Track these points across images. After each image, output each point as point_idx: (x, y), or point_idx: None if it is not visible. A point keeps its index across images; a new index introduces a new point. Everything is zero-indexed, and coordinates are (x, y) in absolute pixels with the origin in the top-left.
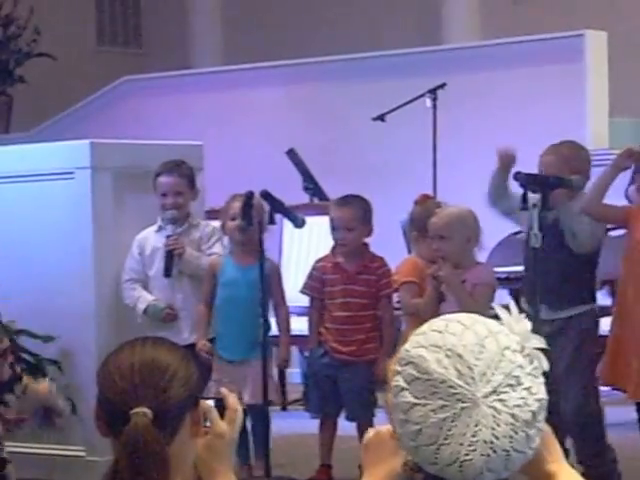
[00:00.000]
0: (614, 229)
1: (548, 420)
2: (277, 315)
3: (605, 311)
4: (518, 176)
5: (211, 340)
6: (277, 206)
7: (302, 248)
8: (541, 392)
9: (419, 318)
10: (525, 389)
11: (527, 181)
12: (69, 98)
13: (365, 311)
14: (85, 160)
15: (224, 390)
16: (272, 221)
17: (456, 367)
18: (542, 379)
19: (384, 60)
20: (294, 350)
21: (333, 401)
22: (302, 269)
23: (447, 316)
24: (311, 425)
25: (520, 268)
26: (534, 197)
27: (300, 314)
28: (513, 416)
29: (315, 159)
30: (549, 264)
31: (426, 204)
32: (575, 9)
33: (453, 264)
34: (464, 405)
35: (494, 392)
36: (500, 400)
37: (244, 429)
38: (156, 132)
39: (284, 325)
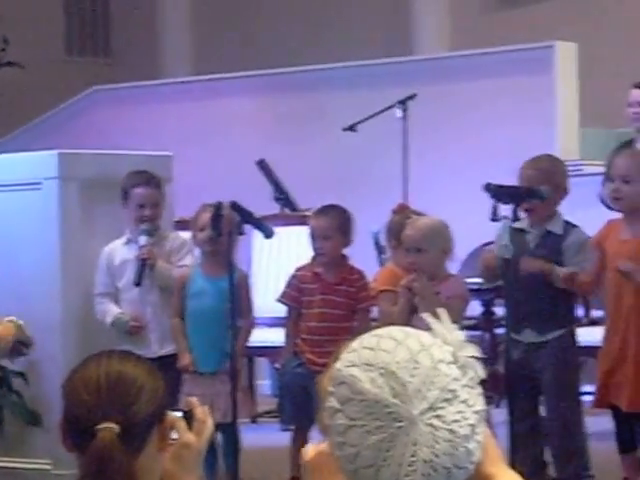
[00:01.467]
0: None
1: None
2: (245, 326)
3: (578, 322)
4: (489, 187)
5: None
6: (246, 217)
7: (272, 258)
8: (479, 403)
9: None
10: (462, 402)
11: (497, 192)
12: (37, 108)
13: (342, 322)
14: (53, 170)
15: (193, 400)
16: (241, 232)
17: (390, 385)
18: (479, 389)
19: (355, 71)
20: (264, 362)
21: (306, 413)
22: (272, 279)
23: (378, 331)
24: (281, 437)
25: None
26: (505, 208)
27: (271, 325)
28: (452, 432)
29: (286, 169)
30: (533, 290)
31: (404, 213)
32: (545, 20)
33: (427, 276)
34: (401, 424)
35: (430, 409)
36: (437, 416)
37: (213, 442)
38: (125, 142)
39: (243, 336)
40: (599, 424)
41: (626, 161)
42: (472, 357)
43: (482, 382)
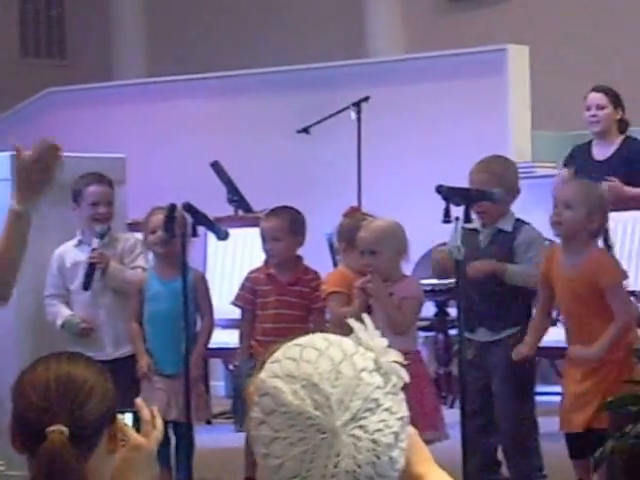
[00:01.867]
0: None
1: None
2: (204, 326)
3: None
4: (441, 189)
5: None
6: (200, 218)
7: (227, 260)
8: (402, 410)
9: (347, 329)
10: (385, 410)
11: (449, 194)
12: None
13: (297, 323)
14: (5, 172)
15: (138, 401)
16: (195, 234)
17: (312, 397)
18: (402, 395)
19: (309, 73)
20: (219, 363)
21: None
22: (227, 281)
23: (301, 340)
24: (235, 438)
25: (445, 280)
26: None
27: (225, 327)
28: (374, 442)
29: (239, 171)
30: (488, 289)
31: (354, 216)
32: (498, 23)
33: (382, 277)
34: (323, 436)
35: (353, 419)
36: (360, 427)
37: (167, 442)
38: (79, 144)
39: (203, 336)
40: (552, 425)
41: (572, 188)
42: (395, 362)
43: (404, 387)
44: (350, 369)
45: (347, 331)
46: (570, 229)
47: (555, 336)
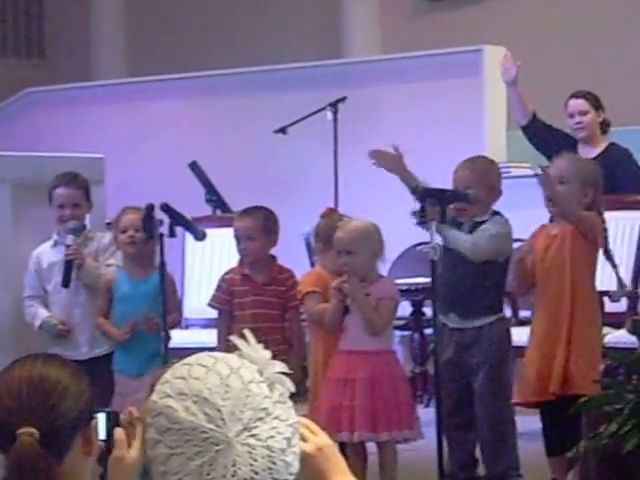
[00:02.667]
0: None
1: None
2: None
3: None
4: (416, 190)
5: (111, 354)
6: (177, 219)
7: (205, 261)
8: (291, 417)
9: (324, 328)
10: (275, 418)
11: (425, 195)
12: None
13: (275, 322)
14: None
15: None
16: (173, 234)
17: (204, 412)
18: (290, 403)
19: (286, 73)
20: None
21: None
22: (205, 281)
23: (188, 360)
24: None
25: (422, 280)
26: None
27: (204, 327)
28: (268, 448)
29: (218, 172)
30: (459, 273)
31: (331, 217)
32: (474, 24)
33: (359, 278)
34: (218, 448)
35: (245, 429)
36: (253, 435)
37: None
38: (58, 144)
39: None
40: (528, 424)
41: (564, 164)
42: (279, 373)
43: (292, 395)
44: (238, 382)
45: (323, 329)
46: (565, 205)
47: (526, 337)
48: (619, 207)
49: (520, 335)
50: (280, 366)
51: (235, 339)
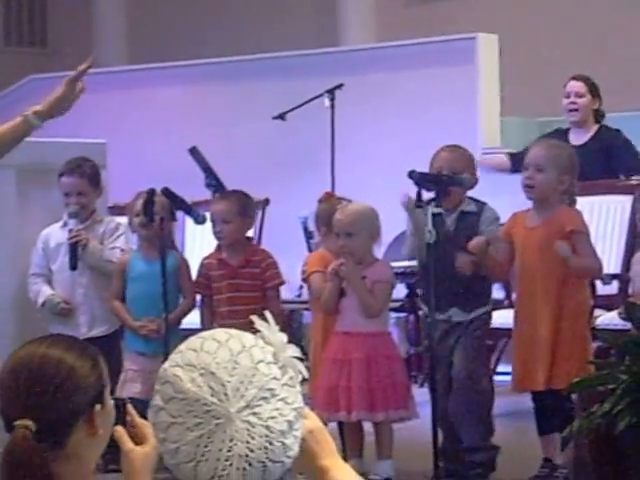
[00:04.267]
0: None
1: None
2: (184, 307)
3: (499, 305)
4: (413, 175)
5: (109, 335)
6: (178, 203)
7: (204, 244)
8: (298, 401)
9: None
10: (280, 400)
11: (421, 179)
12: None
13: (251, 305)
14: None
15: (138, 421)
16: (173, 218)
17: (210, 385)
18: (299, 388)
19: (284, 61)
20: None
21: None
22: None
23: (204, 333)
24: None
25: (416, 262)
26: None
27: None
28: (268, 428)
29: (217, 156)
30: (453, 268)
31: (330, 201)
32: (468, 12)
33: (356, 260)
34: (218, 422)
35: (247, 406)
36: (254, 413)
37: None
38: (61, 129)
39: (180, 309)
40: (519, 403)
41: (541, 151)
42: (294, 357)
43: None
44: (248, 360)
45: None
46: (542, 192)
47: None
48: (610, 192)
49: (512, 317)
50: (295, 350)
51: (255, 319)
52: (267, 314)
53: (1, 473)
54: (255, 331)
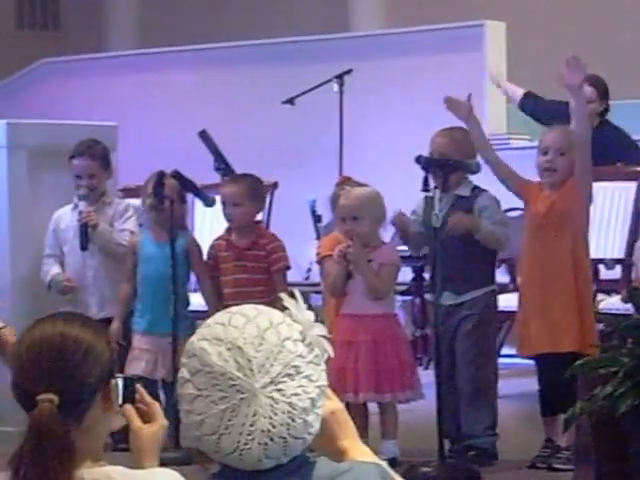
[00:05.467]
0: (512, 210)
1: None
2: (201, 289)
3: (504, 289)
4: (420, 159)
5: (131, 312)
6: (188, 185)
7: (213, 226)
8: (322, 379)
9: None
10: (305, 377)
11: (428, 164)
12: None
13: (256, 287)
14: (2, 139)
15: (147, 398)
16: (183, 200)
17: (236, 360)
18: (323, 366)
19: (294, 46)
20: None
21: None
22: None
23: (233, 308)
24: None
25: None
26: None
27: None
28: (290, 404)
29: (226, 140)
30: (451, 249)
31: (348, 184)
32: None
33: (362, 244)
34: (243, 396)
35: (272, 382)
36: (278, 390)
37: (157, 399)
38: (73, 113)
39: (210, 298)
40: (519, 386)
41: (561, 134)
42: (321, 336)
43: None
44: (274, 337)
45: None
46: (564, 175)
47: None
48: (614, 178)
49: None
50: (322, 329)
51: (284, 296)
52: (296, 292)
53: (26, 446)
54: (283, 308)
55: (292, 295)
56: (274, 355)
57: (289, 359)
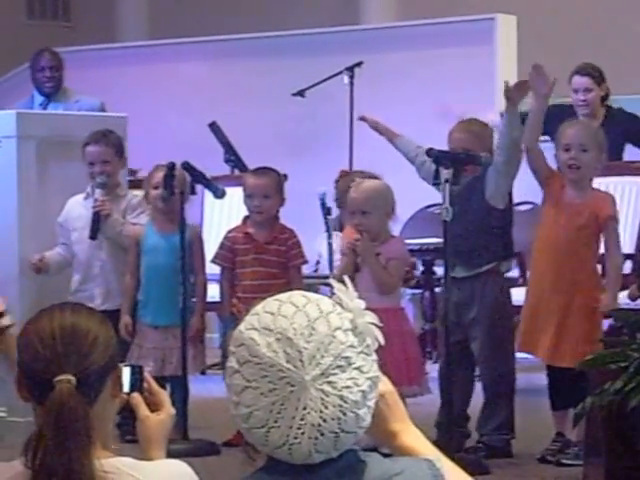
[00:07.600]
0: (522, 204)
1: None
2: (195, 282)
3: (513, 282)
4: (431, 152)
5: (135, 304)
6: (198, 177)
7: (223, 218)
8: (373, 370)
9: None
10: (356, 369)
11: (440, 157)
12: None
13: (274, 280)
14: (11, 129)
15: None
16: (193, 191)
17: (285, 351)
18: (374, 356)
19: (305, 38)
20: (213, 315)
21: None
22: (223, 237)
23: (281, 296)
24: None
25: (433, 240)
26: (446, 172)
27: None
28: (342, 398)
29: (237, 132)
30: (466, 224)
31: (350, 177)
32: None
33: (371, 237)
34: (293, 388)
35: (323, 375)
36: (329, 382)
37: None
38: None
39: (200, 292)
40: (531, 380)
41: (581, 130)
42: (371, 324)
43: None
44: (325, 326)
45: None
46: (588, 172)
47: None
48: (624, 173)
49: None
50: (372, 317)
51: (333, 283)
52: (345, 278)
53: (46, 428)
54: None
55: (341, 281)
56: (325, 346)
57: (340, 350)
